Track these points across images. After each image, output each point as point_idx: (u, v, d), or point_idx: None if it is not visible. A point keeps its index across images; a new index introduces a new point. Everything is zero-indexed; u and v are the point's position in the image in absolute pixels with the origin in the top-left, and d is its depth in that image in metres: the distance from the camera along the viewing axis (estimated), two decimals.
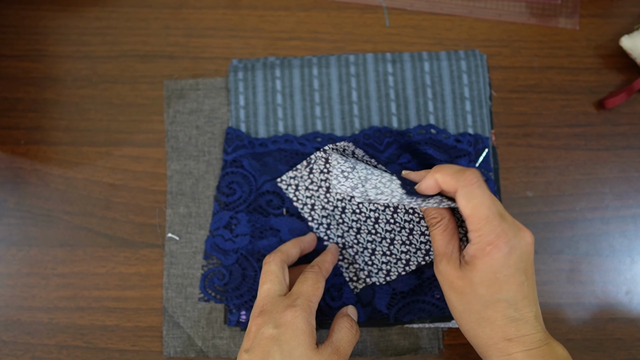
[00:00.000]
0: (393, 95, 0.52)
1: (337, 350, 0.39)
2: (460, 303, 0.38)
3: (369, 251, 0.46)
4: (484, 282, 0.37)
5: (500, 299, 0.37)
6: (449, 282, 0.39)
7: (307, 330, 0.38)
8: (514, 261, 0.37)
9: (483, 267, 0.37)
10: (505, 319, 0.37)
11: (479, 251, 0.37)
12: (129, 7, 0.56)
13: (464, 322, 0.39)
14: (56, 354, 0.50)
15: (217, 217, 0.49)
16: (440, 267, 0.39)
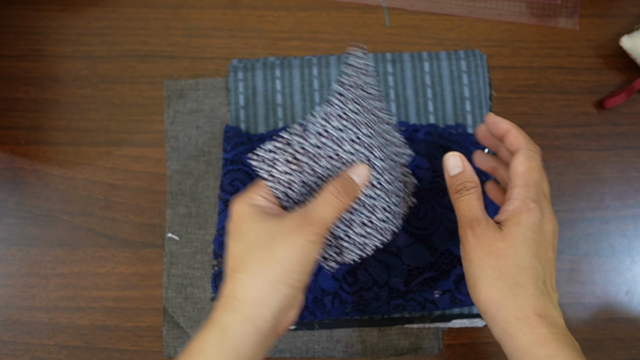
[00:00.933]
0: (393, 95, 0.52)
1: (306, 217, 0.35)
2: (495, 269, 0.35)
3: (345, 224, 0.40)
4: (527, 239, 0.36)
5: (535, 264, 0.36)
6: (488, 245, 0.36)
7: (252, 211, 0.36)
8: (547, 231, 0.37)
9: (527, 223, 0.36)
10: (537, 289, 0.35)
11: (524, 205, 0.36)
12: (129, 7, 0.56)
13: (496, 291, 0.35)
14: (56, 354, 0.50)
15: (222, 215, 0.49)
16: (477, 231, 0.36)
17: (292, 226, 0.35)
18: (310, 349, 0.49)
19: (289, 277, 0.34)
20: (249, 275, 0.34)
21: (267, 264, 0.34)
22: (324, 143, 0.37)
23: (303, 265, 0.35)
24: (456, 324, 0.48)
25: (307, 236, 0.34)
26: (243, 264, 0.35)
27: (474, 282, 0.36)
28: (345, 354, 0.49)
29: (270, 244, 0.35)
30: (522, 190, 0.37)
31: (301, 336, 0.49)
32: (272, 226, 0.35)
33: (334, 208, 0.36)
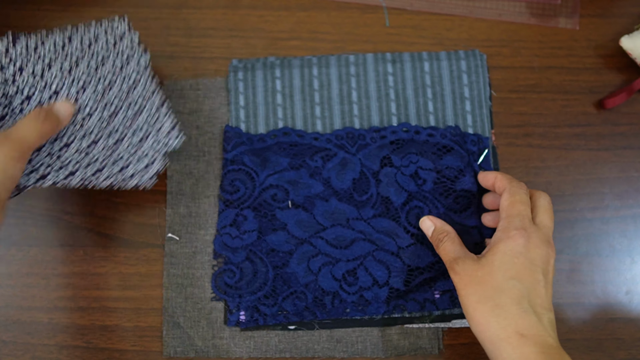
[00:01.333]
0: (393, 95, 0.52)
1: (8, 135, 0.38)
2: (476, 293, 0.39)
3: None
4: (503, 265, 0.38)
5: (516, 285, 0.37)
6: (468, 276, 0.39)
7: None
8: (534, 255, 0.39)
9: (504, 250, 0.39)
10: (520, 309, 0.37)
11: (504, 234, 0.39)
12: (129, 7, 0.56)
13: (478, 314, 0.38)
14: (56, 354, 0.50)
15: (223, 215, 0.49)
16: (457, 268, 0.40)
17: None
18: (310, 349, 0.49)
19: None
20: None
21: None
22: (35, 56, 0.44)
23: (2, 180, 0.37)
24: (456, 324, 0.48)
25: (6, 152, 0.37)
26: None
27: (465, 310, 0.40)
28: (345, 354, 0.49)
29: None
30: (505, 222, 0.41)
31: (301, 336, 0.49)
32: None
33: (36, 131, 0.39)
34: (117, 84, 0.47)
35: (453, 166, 0.49)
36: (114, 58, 0.47)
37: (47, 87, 0.45)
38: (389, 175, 0.49)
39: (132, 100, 0.47)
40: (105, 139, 0.46)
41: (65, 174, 0.45)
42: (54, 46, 0.46)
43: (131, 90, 0.47)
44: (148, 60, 0.48)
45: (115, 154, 0.46)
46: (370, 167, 0.50)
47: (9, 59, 0.45)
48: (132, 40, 0.48)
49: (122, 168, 0.46)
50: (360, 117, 0.52)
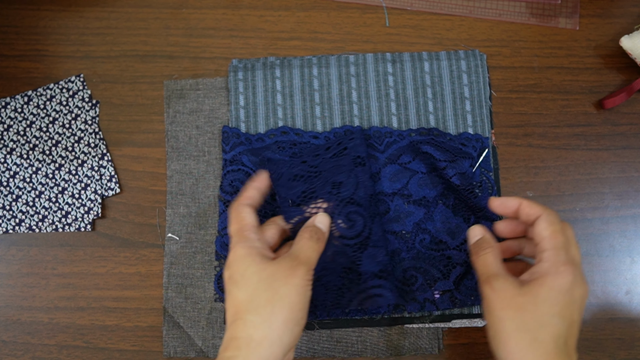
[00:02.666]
0: (393, 95, 0.52)
1: (297, 258, 0.39)
2: (514, 320, 0.37)
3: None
4: (549, 299, 0.37)
5: (557, 323, 0.36)
6: (507, 299, 0.37)
7: (250, 252, 0.39)
8: (576, 294, 0.37)
9: (552, 285, 0.37)
10: (556, 348, 0.36)
11: (553, 268, 0.38)
12: (129, 7, 0.56)
13: (514, 343, 0.36)
14: (56, 354, 0.50)
15: (223, 216, 0.49)
16: (496, 286, 0.38)
17: (288, 267, 0.39)
18: (310, 349, 0.49)
19: (296, 315, 0.38)
20: (260, 316, 0.37)
21: (276, 304, 0.37)
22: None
23: (304, 303, 0.38)
24: (456, 324, 0.48)
25: (303, 275, 0.38)
26: (251, 305, 0.37)
27: (494, 333, 0.38)
28: (345, 354, 0.49)
29: (274, 285, 0.38)
30: (552, 254, 0.38)
31: (301, 336, 0.49)
32: (270, 268, 0.39)
33: (314, 250, 0.41)
34: (63, 142, 0.51)
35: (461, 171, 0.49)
36: (64, 115, 0.52)
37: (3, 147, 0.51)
38: (389, 174, 0.49)
39: (76, 154, 0.52)
40: (50, 190, 0.51)
41: (14, 224, 0.51)
42: (14, 109, 0.52)
43: (76, 145, 0.51)
44: (97, 113, 0.52)
45: (58, 203, 0.51)
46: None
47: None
48: (83, 98, 0.52)
49: (64, 215, 0.51)
50: (360, 117, 0.52)
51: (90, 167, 0.52)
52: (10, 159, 0.52)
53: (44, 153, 0.52)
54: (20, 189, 0.52)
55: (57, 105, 0.53)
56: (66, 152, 0.52)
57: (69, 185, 0.51)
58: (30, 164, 0.52)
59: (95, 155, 0.52)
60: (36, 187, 0.51)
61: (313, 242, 0.41)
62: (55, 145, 0.52)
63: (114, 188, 0.52)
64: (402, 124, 0.51)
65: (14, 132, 0.52)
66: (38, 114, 0.53)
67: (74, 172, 0.51)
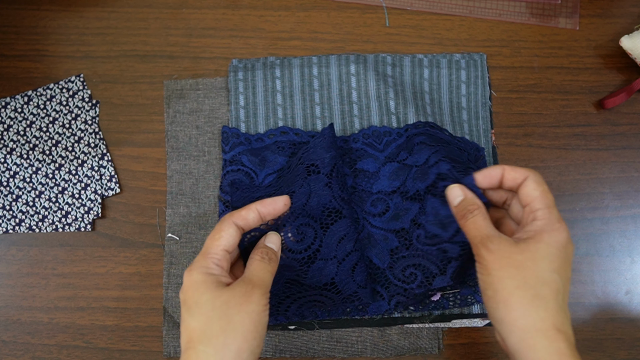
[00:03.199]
0: (392, 95, 0.52)
1: (250, 281, 0.38)
2: (515, 278, 0.36)
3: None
4: (548, 256, 0.37)
5: (556, 280, 0.36)
6: (505, 258, 0.37)
7: (205, 280, 0.38)
8: (569, 251, 0.38)
9: (550, 241, 0.37)
10: (557, 304, 0.36)
11: (549, 225, 0.38)
12: (129, 7, 0.56)
13: (515, 300, 0.36)
14: (56, 354, 0.50)
15: (222, 216, 0.49)
16: (492, 246, 0.37)
17: (242, 292, 0.38)
18: (310, 349, 0.49)
19: (250, 344, 0.37)
20: (213, 347, 0.36)
21: (229, 334, 0.36)
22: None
23: (260, 331, 0.37)
24: (456, 324, 0.48)
25: (258, 300, 0.38)
26: (204, 335, 0.36)
27: (493, 292, 0.37)
28: (345, 354, 0.49)
29: (228, 313, 0.37)
30: (546, 212, 0.38)
31: (301, 336, 0.49)
32: (225, 295, 0.37)
33: (268, 272, 0.40)
34: (63, 142, 0.51)
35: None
36: (64, 115, 0.52)
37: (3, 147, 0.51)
38: (388, 172, 0.49)
39: (76, 154, 0.51)
40: (50, 190, 0.51)
41: (14, 224, 0.51)
42: (14, 109, 0.52)
43: (76, 145, 0.51)
44: (97, 113, 0.52)
45: (58, 203, 0.51)
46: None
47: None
48: (83, 98, 0.52)
49: (64, 215, 0.51)
50: (360, 117, 0.52)
51: (90, 167, 0.52)
52: (10, 159, 0.52)
53: (44, 153, 0.52)
54: (20, 189, 0.52)
55: (57, 105, 0.53)
56: (66, 152, 0.52)
57: (69, 185, 0.51)
58: (30, 164, 0.52)
59: (95, 155, 0.52)
60: (36, 187, 0.52)
61: (265, 264, 0.40)
62: (55, 145, 0.52)
63: (114, 188, 0.52)
64: (401, 123, 0.51)
65: (14, 132, 0.52)
66: (38, 114, 0.53)
67: (74, 172, 0.52)
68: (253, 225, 0.42)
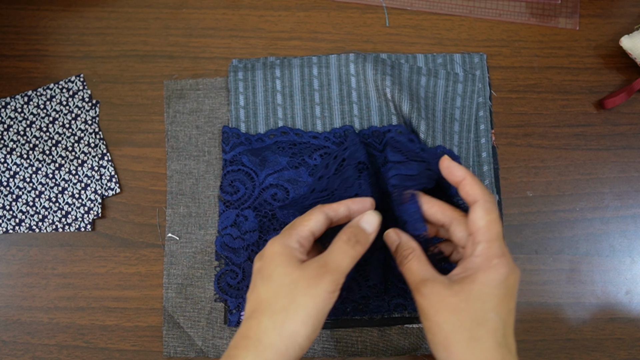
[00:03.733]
0: (390, 95, 0.52)
1: (325, 265, 0.37)
2: (449, 322, 0.36)
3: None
4: (482, 295, 0.36)
5: (494, 318, 0.36)
6: (440, 302, 0.36)
7: (284, 252, 0.38)
8: (511, 284, 0.37)
9: (485, 280, 0.36)
10: (495, 343, 0.35)
11: (485, 263, 0.37)
12: (129, 7, 0.56)
13: (452, 344, 0.35)
14: (56, 354, 0.50)
15: (223, 216, 0.49)
16: (425, 292, 0.37)
17: (313, 275, 0.37)
18: (310, 349, 0.49)
19: (307, 329, 0.36)
20: (273, 322, 0.36)
21: (289, 315, 0.36)
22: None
23: (319, 318, 0.37)
24: None
25: (326, 286, 0.36)
26: (268, 308, 0.37)
27: (432, 337, 0.36)
28: (345, 354, 0.49)
29: (294, 293, 0.36)
30: (485, 247, 0.37)
31: None
32: (296, 272, 0.37)
33: (349, 256, 0.38)
34: (63, 142, 0.51)
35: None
36: (64, 115, 0.52)
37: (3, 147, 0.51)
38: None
39: (76, 154, 0.51)
40: (50, 190, 0.51)
41: (14, 224, 0.51)
42: (14, 109, 0.52)
43: (76, 145, 0.51)
44: (97, 113, 0.52)
45: (58, 203, 0.51)
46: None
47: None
48: (83, 98, 0.52)
49: (64, 215, 0.51)
50: (360, 117, 0.52)
51: (90, 167, 0.52)
52: (10, 159, 0.52)
53: (44, 153, 0.52)
54: (20, 189, 0.52)
55: (57, 105, 0.53)
56: (66, 152, 0.52)
57: (69, 185, 0.51)
58: (30, 164, 0.52)
59: (95, 155, 0.52)
60: (36, 187, 0.52)
61: (349, 247, 0.38)
62: (55, 145, 0.52)
63: (114, 188, 0.52)
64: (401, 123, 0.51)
65: (14, 132, 0.52)
66: (38, 114, 0.53)
67: (74, 172, 0.52)
68: (342, 219, 0.41)
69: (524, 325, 0.50)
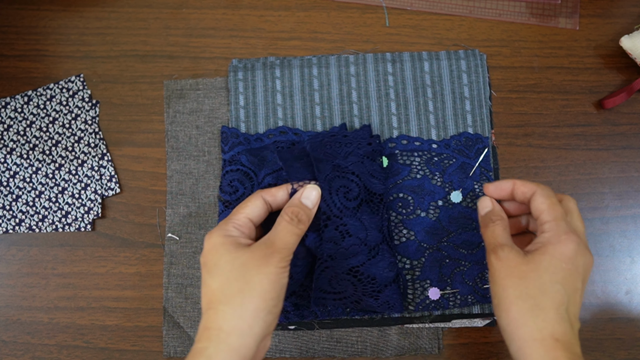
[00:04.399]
0: (393, 95, 0.52)
1: (272, 244, 0.38)
2: (517, 288, 0.37)
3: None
4: (551, 267, 0.37)
5: (559, 290, 0.37)
6: (511, 267, 0.38)
7: (225, 241, 0.39)
8: (579, 262, 0.38)
9: (554, 253, 0.38)
10: (558, 314, 0.36)
11: (555, 237, 0.39)
12: (129, 7, 0.56)
13: (515, 309, 0.37)
14: (56, 354, 0.50)
15: (222, 216, 0.49)
16: (501, 255, 0.39)
17: (261, 255, 0.38)
18: (310, 349, 0.49)
19: (267, 304, 0.37)
20: (231, 306, 0.37)
21: (247, 294, 0.37)
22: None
23: (277, 291, 0.38)
24: (456, 324, 0.48)
25: (277, 262, 0.38)
26: (223, 295, 0.37)
27: (497, 301, 0.38)
28: (345, 354, 0.49)
29: (246, 275, 0.37)
30: (554, 225, 0.39)
31: (301, 336, 0.49)
32: (244, 255, 0.38)
33: (293, 234, 0.40)
34: (63, 142, 0.51)
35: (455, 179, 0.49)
36: (64, 115, 0.52)
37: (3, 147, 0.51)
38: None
39: (76, 154, 0.51)
40: (50, 190, 0.51)
41: (14, 224, 0.51)
42: (14, 109, 0.52)
43: (76, 145, 0.52)
44: (97, 113, 0.52)
45: (58, 203, 0.51)
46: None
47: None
48: (83, 98, 0.52)
49: (64, 215, 0.51)
50: (360, 117, 0.52)
51: (90, 167, 0.52)
52: (10, 159, 0.52)
53: (44, 153, 0.52)
54: (20, 189, 0.52)
55: (57, 105, 0.53)
56: (66, 152, 0.52)
57: (69, 185, 0.51)
58: (30, 164, 0.52)
59: (95, 155, 0.52)
60: (36, 187, 0.52)
61: (292, 226, 0.40)
62: (55, 145, 0.52)
63: (114, 188, 0.52)
64: (402, 124, 0.51)
65: (14, 132, 0.52)
66: (38, 114, 0.53)
67: (74, 172, 0.51)
68: (281, 203, 0.43)
69: None
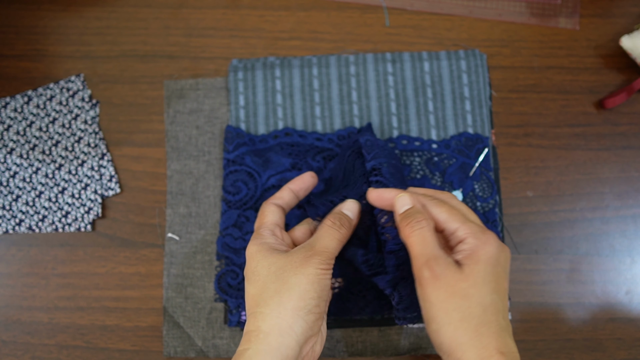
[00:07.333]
0: (393, 95, 0.52)
1: (312, 248, 0.38)
2: (460, 310, 0.34)
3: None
4: (487, 277, 0.35)
5: (496, 299, 0.35)
6: (451, 286, 0.34)
7: (261, 249, 0.39)
8: (503, 261, 0.36)
9: (485, 258, 0.35)
10: (498, 326, 0.34)
11: (478, 240, 0.35)
12: (129, 7, 0.56)
13: (462, 333, 0.34)
14: (56, 354, 0.50)
15: (225, 216, 0.49)
16: (438, 271, 0.35)
17: (300, 258, 0.37)
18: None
19: (307, 303, 0.36)
20: (269, 307, 0.36)
21: (284, 294, 0.36)
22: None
23: (317, 292, 0.37)
24: None
25: (316, 264, 0.37)
26: (261, 299, 0.37)
27: (437, 326, 0.35)
28: (345, 354, 0.49)
29: (284, 276, 0.37)
30: (467, 232, 0.36)
31: None
32: (281, 260, 0.38)
33: (335, 238, 0.39)
34: (63, 142, 0.52)
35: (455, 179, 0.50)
36: (64, 115, 0.52)
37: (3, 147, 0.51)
38: None
39: (76, 154, 0.51)
40: (50, 190, 0.51)
41: (14, 224, 0.50)
42: (14, 109, 0.52)
43: (76, 145, 0.52)
44: (97, 113, 0.52)
45: (58, 203, 0.51)
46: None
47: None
48: (83, 98, 0.52)
49: (64, 215, 0.51)
50: (360, 117, 0.52)
51: (90, 167, 0.52)
52: (10, 159, 0.52)
53: (44, 153, 0.52)
54: (20, 189, 0.52)
55: (57, 105, 0.53)
56: (66, 152, 0.52)
57: (69, 185, 0.51)
58: (30, 164, 0.52)
59: (95, 155, 0.52)
60: (36, 187, 0.51)
61: (334, 230, 0.39)
62: (55, 145, 0.52)
63: (114, 188, 0.52)
64: (401, 124, 0.51)
65: (14, 132, 0.52)
66: (38, 114, 0.53)
67: (74, 172, 0.51)
68: (290, 202, 0.44)
69: (524, 325, 0.50)
